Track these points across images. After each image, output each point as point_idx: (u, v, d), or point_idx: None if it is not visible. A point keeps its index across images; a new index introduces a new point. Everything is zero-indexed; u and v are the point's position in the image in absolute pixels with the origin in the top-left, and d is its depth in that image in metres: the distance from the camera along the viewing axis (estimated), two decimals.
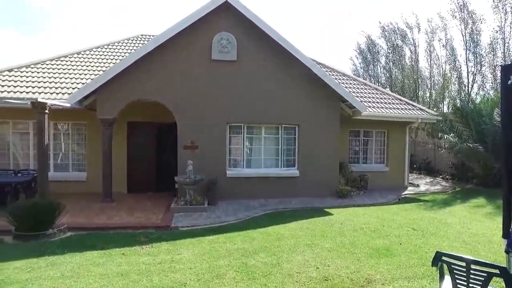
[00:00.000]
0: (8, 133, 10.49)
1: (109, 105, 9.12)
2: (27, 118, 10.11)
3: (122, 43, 13.86)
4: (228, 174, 9.76)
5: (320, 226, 7.16)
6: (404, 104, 12.79)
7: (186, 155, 9.25)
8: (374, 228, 6.97)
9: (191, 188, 8.56)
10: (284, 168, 10.35)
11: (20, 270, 4.73)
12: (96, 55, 12.58)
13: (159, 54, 9.25)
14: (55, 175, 10.09)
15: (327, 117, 10.40)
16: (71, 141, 10.83)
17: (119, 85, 9.11)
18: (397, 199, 10.45)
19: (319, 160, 10.31)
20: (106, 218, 7.50)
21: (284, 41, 9.74)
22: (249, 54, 9.81)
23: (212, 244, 5.96)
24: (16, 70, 10.79)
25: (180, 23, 9.16)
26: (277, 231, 6.74)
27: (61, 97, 9.77)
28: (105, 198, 9.06)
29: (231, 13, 9.59)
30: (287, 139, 10.39)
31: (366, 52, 30.92)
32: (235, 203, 9.09)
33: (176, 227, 7.01)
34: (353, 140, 12.86)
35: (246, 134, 10.13)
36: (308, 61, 10.00)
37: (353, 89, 12.89)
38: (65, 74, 11.08)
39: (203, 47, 9.54)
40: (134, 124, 10.73)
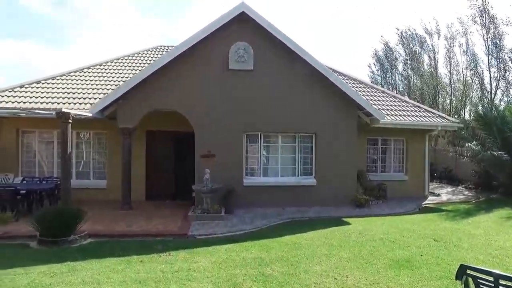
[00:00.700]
0: (34, 142, 10.93)
1: (128, 115, 9.36)
2: (52, 127, 10.49)
3: (141, 54, 14.26)
4: (245, 183, 9.79)
5: (338, 235, 7.05)
6: (423, 111, 12.55)
7: (204, 164, 9.34)
8: (394, 238, 6.81)
9: (208, 196, 8.63)
10: (301, 176, 10.29)
11: (44, 275, 4.87)
12: (116, 66, 12.99)
13: (177, 65, 9.45)
14: (77, 182, 10.38)
15: (344, 126, 10.32)
16: (92, 149, 11.15)
17: (139, 95, 9.35)
18: (417, 209, 10.18)
19: (336, 169, 10.20)
20: (125, 226, 7.63)
21: (300, 49, 9.78)
22: (266, 63, 9.90)
23: (229, 252, 5.96)
24: (43, 82, 11.27)
25: (197, 34, 9.36)
26: (294, 241, 6.68)
27: (83, 107, 10.10)
28: (124, 206, 9.24)
29: (247, 23, 9.73)
30: (304, 148, 10.35)
31: (383, 59, 30.61)
32: (251, 212, 9.08)
33: (193, 235, 7.05)
34: (371, 149, 12.67)
35: (263, 142, 10.17)
36: (325, 69, 9.99)
37: (370, 97, 12.76)
38: (88, 85, 11.47)
39: (220, 57, 9.70)
40: (152, 133, 10.96)
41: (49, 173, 10.81)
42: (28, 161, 10.92)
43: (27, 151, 10.93)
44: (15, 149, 10.71)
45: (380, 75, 31.54)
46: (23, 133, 10.90)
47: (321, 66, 9.95)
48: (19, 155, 10.80)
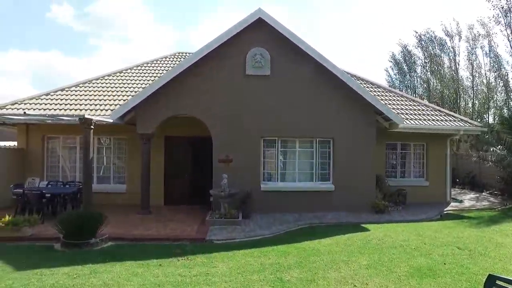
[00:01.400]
0: (58, 147, 11.31)
1: (147, 121, 9.56)
2: (75, 133, 10.85)
3: (159, 61, 14.56)
4: (262, 188, 9.79)
5: (357, 242, 6.94)
6: (444, 115, 12.24)
7: (221, 169, 9.41)
8: (415, 245, 6.64)
9: (226, 201, 8.67)
10: (318, 182, 10.21)
11: (67, 276, 5.01)
12: (136, 74, 13.30)
13: (194, 71, 9.60)
14: (97, 187, 10.64)
15: (363, 130, 10.19)
16: (112, 154, 11.43)
17: (157, 102, 9.54)
18: (438, 215, 9.90)
19: (354, 174, 10.06)
20: (144, 230, 7.76)
21: (317, 54, 9.76)
22: (283, 68, 9.92)
23: (247, 258, 5.96)
24: (67, 90, 11.69)
25: (214, 41, 9.49)
26: (312, 246, 6.62)
27: (104, 113, 10.37)
28: (143, 210, 9.40)
29: (264, 29, 9.80)
30: (321, 153, 10.28)
31: (401, 62, 30.12)
32: (269, 217, 9.06)
33: (211, 240, 7.10)
34: (390, 153, 12.45)
35: (280, 147, 10.16)
36: (343, 74, 9.92)
37: (388, 101, 12.56)
38: (109, 92, 11.79)
39: (237, 63, 9.79)
40: (171, 139, 11.13)
41: (72, 177, 11.15)
42: (52, 165, 11.30)
43: (51, 156, 11.32)
44: (41, 154, 11.11)
45: (398, 79, 31.05)
46: (48, 138, 11.30)
47: (338, 71, 9.89)
48: (44, 159, 11.20)
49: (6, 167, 10.26)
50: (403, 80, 30.34)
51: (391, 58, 31.05)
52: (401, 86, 30.23)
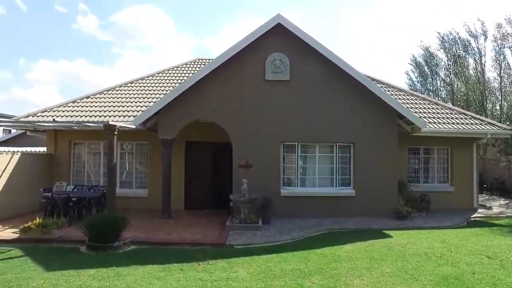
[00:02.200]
0: (84, 153, 11.69)
1: (168, 126, 9.74)
2: (99, 139, 11.19)
3: (180, 67, 14.84)
4: (282, 193, 9.76)
5: (379, 248, 6.79)
6: (469, 118, 11.85)
7: (241, 174, 9.45)
8: (440, 253, 6.43)
9: (246, 206, 8.69)
10: (339, 187, 10.08)
11: (93, 278, 5.16)
12: (157, 80, 13.61)
13: (214, 77, 9.73)
14: (120, 191, 10.82)
15: (384, 135, 10.01)
16: (134, 160, 11.69)
17: (178, 108, 9.71)
18: (465, 222, 9.55)
19: (376, 179, 9.88)
20: (165, 234, 7.88)
21: (337, 59, 9.70)
22: (302, 73, 9.91)
23: (267, 263, 5.94)
24: (92, 97, 12.11)
25: (234, 47, 9.60)
26: (333, 253, 6.53)
27: (127, 119, 10.64)
28: (164, 214, 9.54)
29: (283, 34, 9.83)
30: (342, 158, 10.15)
31: (423, 65, 29.36)
32: (289, 222, 9.01)
33: (231, 245, 7.12)
34: (412, 158, 12.14)
35: (300, 153, 10.11)
36: (363, 78, 9.81)
37: (410, 105, 12.30)
38: (131, 98, 12.12)
39: (256, 68, 9.86)
40: (191, 144, 11.28)
41: (96, 181, 11.47)
42: (78, 170, 11.68)
43: (77, 161, 11.71)
44: (68, 159, 11.51)
45: (419, 82, 30.22)
46: (75, 144, 11.70)
47: (358, 75, 9.78)
48: (71, 164, 11.59)
49: (37, 171, 10.69)
50: (425, 83, 29.52)
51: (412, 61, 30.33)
52: (423, 89, 29.42)
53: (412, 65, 30.43)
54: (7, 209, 9.41)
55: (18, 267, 5.73)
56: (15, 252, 6.60)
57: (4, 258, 6.24)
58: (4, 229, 8.17)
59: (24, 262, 6.00)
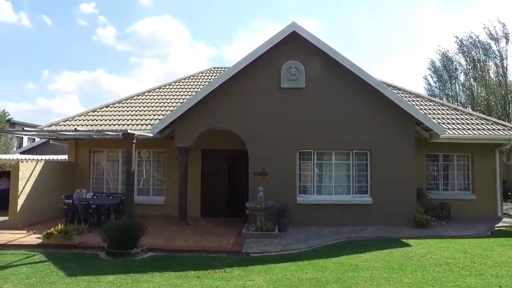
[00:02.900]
0: (103, 161, 11.98)
1: (185, 134, 9.89)
2: (117, 147, 11.45)
3: (196, 76, 15.09)
4: (298, 201, 9.71)
5: (398, 258, 6.65)
6: (491, 124, 11.52)
7: (257, 182, 9.46)
8: (463, 264, 6.23)
9: (262, 214, 8.69)
10: (356, 195, 9.95)
11: (112, 285, 5.26)
12: (174, 89, 13.87)
13: (230, 85, 9.84)
14: (138, 198, 11.05)
15: (401, 141, 9.86)
16: (152, 167, 11.89)
17: (194, 116, 9.85)
18: (488, 232, 9.23)
19: (393, 186, 9.71)
20: (182, 241, 7.95)
21: (352, 65, 9.66)
22: (318, 81, 9.91)
23: (284, 272, 5.91)
24: (111, 106, 12.45)
25: (249, 55, 9.71)
26: (351, 262, 6.44)
27: (145, 128, 10.88)
28: (180, 222, 9.63)
29: (298, 42, 9.87)
30: (358, 165, 10.04)
31: (441, 70, 28.81)
32: (305, 230, 8.94)
33: (247, 253, 7.12)
34: (431, 165, 11.87)
35: (316, 160, 10.06)
36: (379, 84, 9.72)
37: (428, 111, 12.07)
38: (149, 107, 12.38)
39: (272, 76, 9.92)
40: (207, 152, 11.38)
41: (114, 189, 11.72)
42: (97, 177, 11.98)
43: (97, 168, 12.01)
44: (88, 167, 11.83)
45: (438, 87, 29.63)
46: (94, 152, 12.02)
47: (374, 81, 9.70)
48: (90, 172, 11.90)
49: (59, 179, 11.03)
50: (444, 88, 28.92)
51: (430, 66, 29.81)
52: (441, 94, 28.82)
53: (430, 69, 29.92)
54: (32, 215, 9.75)
55: (42, 271, 5.92)
56: (39, 257, 6.82)
57: (29, 263, 6.48)
58: (28, 234, 8.48)
59: (47, 267, 6.19)
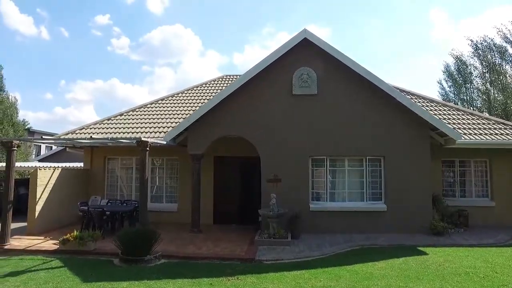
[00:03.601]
0: (117, 168, 12.16)
1: (198, 142, 9.96)
2: (131, 154, 11.62)
3: (208, 84, 15.25)
4: (311, 208, 9.63)
5: (414, 266, 6.50)
6: (509, 128, 11.21)
7: (270, 189, 9.44)
8: (484, 274, 6.04)
9: (275, 221, 8.64)
10: (369, 202, 9.82)
11: None
12: (186, 97, 14.04)
13: (241, 93, 9.90)
14: (151, 205, 11.11)
15: (416, 147, 9.70)
16: (165, 175, 11.99)
17: (207, 123, 9.93)
18: (511, 241, 8.91)
19: (408, 193, 9.54)
20: (194, 248, 7.96)
21: (364, 71, 9.61)
22: (330, 87, 9.88)
23: (297, 280, 5.85)
24: (125, 114, 12.67)
25: (261, 63, 9.76)
26: (365, 270, 6.33)
27: (158, 135, 11.02)
28: (193, 229, 9.64)
29: (310, 49, 9.89)
30: (372, 172, 9.91)
31: (456, 74, 28.34)
32: (318, 238, 8.85)
33: (260, 260, 7.07)
34: (447, 171, 11.61)
35: (329, 167, 9.98)
36: (392, 90, 9.63)
37: (443, 116, 11.86)
38: (162, 115, 12.56)
39: (284, 83, 9.95)
40: (220, 159, 11.43)
41: (128, 196, 11.85)
42: (111, 185, 12.15)
43: (111, 176, 12.19)
44: (102, 174, 12.02)
45: (452, 92, 29.13)
46: (109, 159, 12.22)
47: (387, 86, 9.62)
48: (105, 179, 12.09)
49: (75, 186, 11.24)
50: (458, 93, 28.43)
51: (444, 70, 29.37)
52: (456, 99, 28.33)
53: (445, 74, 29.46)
54: (49, 221, 9.96)
55: (58, 277, 6.02)
56: (56, 263, 6.95)
57: (46, 268, 6.61)
58: (46, 240, 8.67)
59: (64, 272, 6.29)
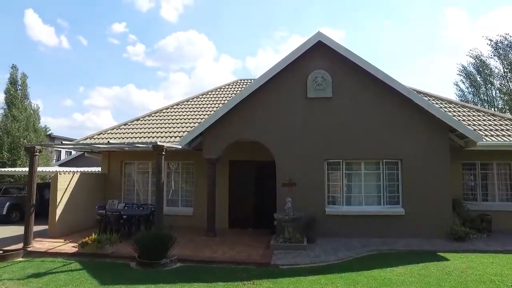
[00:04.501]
0: (133, 172, 12.35)
1: (213, 146, 10.01)
2: (147, 159, 11.78)
3: (223, 88, 15.34)
4: (327, 212, 9.51)
5: (435, 272, 6.31)
6: None
7: (285, 192, 9.38)
8: (511, 282, 5.79)
9: (290, 225, 8.57)
10: (386, 205, 9.62)
11: None
12: (201, 101, 14.15)
13: (256, 97, 9.91)
14: (167, 209, 11.19)
15: (434, 150, 9.46)
16: (180, 179, 12.08)
17: (222, 127, 9.98)
18: None
19: (427, 197, 9.30)
20: (210, 252, 7.97)
21: (380, 73, 9.47)
22: (345, 89, 9.78)
23: (313, 285, 5.77)
24: (141, 119, 12.88)
25: (275, 67, 9.76)
26: (383, 275, 6.19)
27: (173, 140, 11.12)
28: (208, 233, 9.67)
29: (324, 51, 9.83)
30: (389, 175, 9.72)
31: (474, 74, 27.62)
32: (334, 242, 8.72)
33: (275, 265, 7.01)
34: (467, 174, 11.28)
35: (345, 170, 9.84)
36: (409, 91, 9.45)
37: (462, 117, 11.56)
38: (177, 120, 12.69)
39: (298, 86, 9.90)
40: (235, 163, 11.43)
41: (144, 200, 12.01)
42: (128, 189, 12.33)
43: (128, 180, 12.38)
44: (119, 178, 12.23)
45: (471, 92, 28.38)
46: (125, 164, 12.42)
47: (403, 88, 9.45)
48: (122, 183, 12.29)
49: (93, 190, 11.48)
50: (478, 94, 27.67)
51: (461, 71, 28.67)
52: (475, 100, 27.57)
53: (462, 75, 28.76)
54: (69, 224, 10.20)
55: (77, 279, 6.14)
56: (75, 265, 7.10)
57: (66, 270, 6.78)
58: (66, 243, 8.88)
59: (83, 275, 6.42)
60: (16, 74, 23.52)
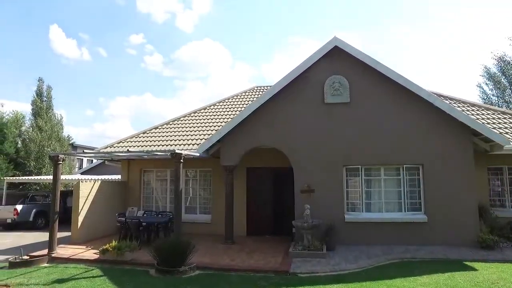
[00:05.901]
0: (152, 180, 12.53)
1: (230, 153, 10.04)
2: (166, 167, 11.93)
3: (240, 95, 15.43)
4: (346, 219, 9.32)
5: (462, 283, 6.04)
6: None
7: (303, 199, 9.28)
8: None
9: (309, 232, 8.45)
10: (408, 212, 9.35)
11: None
12: (219, 109, 14.28)
13: (273, 103, 9.90)
14: (185, 216, 11.24)
15: (457, 154, 9.16)
16: (198, 186, 12.16)
17: (239, 135, 10.00)
18: None
19: (450, 203, 8.99)
20: (228, 260, 7.94)
21: (398, 76, 9.30)
22: (363, 94, 9.64)
23: None
24: (159, 128, 13.10)
25: (292, 73, 9.74)
26: (407, 285, 5.97)
27: (191, 147, 11.24)
28: (227, 240, 9.65)
29: (340, 56, 9.74)
30: (410, 180, 9.46)
31: (499, 76, 26.66)
32: (354, 249, 8.53)
33: (294, 273, 6.90)
34: (494, 179, 10.84)
35: (364, 176, 9.65)
36: (429, 95, 9.21)
37: (487, 120, 11.17)
38: (195, 127, 12.84)
39: (315, 92, 9.83)
40: (252, 170, 11.41)
41: (163, 207, 12.14)
42: (147, 196, 12.51)
43: (146, 187, 12.57)
44: (139, 186, 12.43)
45: (496, 95, 27.36)
46: (144, 172, 12.62)
47: (423, 91, 9.22)
48: (141, 191, 12.48)
49: (113, 197, 11.71)
50: (503, 96, 26.63)
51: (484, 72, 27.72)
52: (500, 102, 26.56)
53: (485, 76, 27.82)
54: (90, 231, 10.43)
55: (99, 285, 6.24)
56: (96, 272, 7.23)
57: (88, 277, 6.90)
58: (87, 250, 9.06)
59: (104, 281, 6.51)
60: (42, 87, 24.62)
